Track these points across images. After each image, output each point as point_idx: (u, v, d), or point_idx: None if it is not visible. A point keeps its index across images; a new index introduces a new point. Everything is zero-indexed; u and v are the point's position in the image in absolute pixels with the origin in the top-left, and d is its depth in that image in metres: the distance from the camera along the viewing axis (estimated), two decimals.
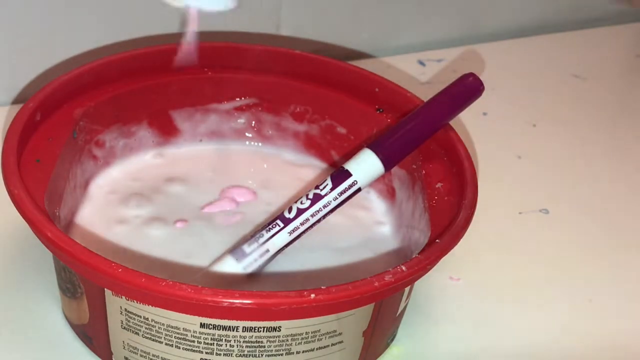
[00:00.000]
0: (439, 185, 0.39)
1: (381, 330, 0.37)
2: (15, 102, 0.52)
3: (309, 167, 0.46)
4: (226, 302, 0.30)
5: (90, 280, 0.33)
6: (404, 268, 0.32)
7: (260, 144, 0.47)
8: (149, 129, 0.44)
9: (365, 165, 0.38)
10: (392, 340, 0.39)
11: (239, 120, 0.46)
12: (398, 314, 0.37)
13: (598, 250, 0.46)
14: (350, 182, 0.37)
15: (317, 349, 0.34)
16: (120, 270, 0.30)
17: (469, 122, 0.54)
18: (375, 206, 0.44)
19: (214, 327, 0.32)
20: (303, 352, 0.34)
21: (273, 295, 0.30)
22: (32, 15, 0.50)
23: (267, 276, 0.38)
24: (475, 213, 0.36)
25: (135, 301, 0.32)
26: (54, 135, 0.39)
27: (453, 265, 0.43)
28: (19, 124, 0.37)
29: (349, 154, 0.45)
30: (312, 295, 0.30)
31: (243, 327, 0.32)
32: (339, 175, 0.37)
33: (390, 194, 0.44)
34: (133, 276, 0.30)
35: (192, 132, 0.46)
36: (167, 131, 0.45)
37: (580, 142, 0.55)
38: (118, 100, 0.42)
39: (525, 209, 0.48)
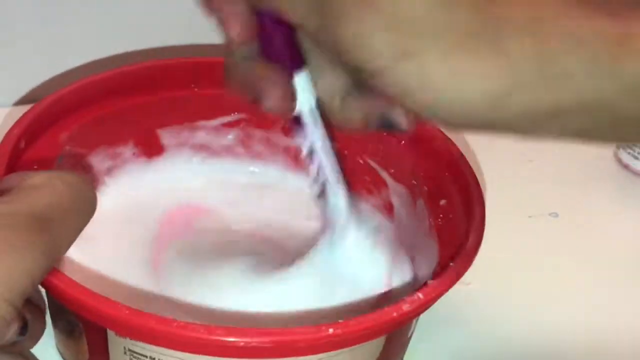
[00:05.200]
0: (442, 202, 0.38)
1: (392, 355, 0.36)
2: (18, 103, 0.51)
3: None
4: (242, 341, 0.29)
5: (93, 321, 0.31)
6: (420, 296, 0.31)
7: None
8: (135, 148, 0.43)
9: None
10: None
11: (228, 137, 0.45)
12: (409, 336, 0.36)
13: (607, 254, 0.46)
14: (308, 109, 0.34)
15: None
16: (127, 312, 0.29)
17: None
18: None
19: None
20: None
21: (290, 332, 0.29)
22: (39, 22, 0.49)
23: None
24: (485, 217, 0.36)
25: (141, 341, 0.31)
26: (39, 161, 0.37)
27: None
28: (3, 155, 0.35)
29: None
30: (330, 330, 0.29)
31: None
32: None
33: (387, 210, 0.43)
34: (141, 318, 0.29)
35: (179, 150, 0.44)
36: (154, 150, 0.43)
37: (590, 146, 0.54)
38: (103, 121, 0.40)
39: (535, 212, 0.48)
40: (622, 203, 0.50)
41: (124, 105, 0.41)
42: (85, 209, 0.28)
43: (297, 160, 0.45)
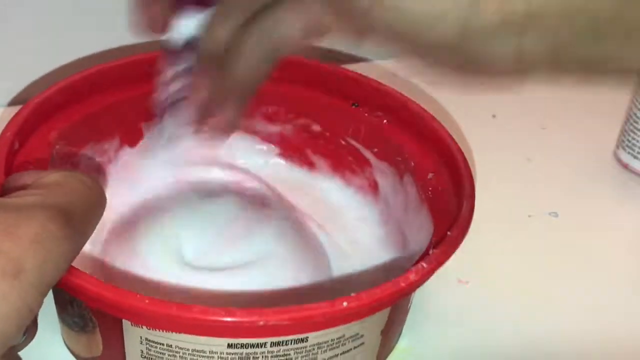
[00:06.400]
0: (430, 176, 0.40)
1: (396, 327, 0.37)
2: (12, 103, 0.51)
3: None
4: (261, 321, 0.29)
5: (110, 313, 0.31)
6: (424, 265, 0.33)
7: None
8: (120, 144, 0.43)
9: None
10: (400, 335, 0.39)
11: None
12: (409, 306, 0.38)
13: (607, 253, 0.46)
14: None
15: (340, 354, 0.34)
16: (146, 301, 0.29)
17: (478, 124, 0.53)
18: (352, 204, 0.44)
19: (242, 346, 0.32)
20: (328, 358, 0.34)
21: (305, 309, 0.30)
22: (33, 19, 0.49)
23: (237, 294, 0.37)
24: (485, 216, 0.36)
25: (158, 330, 0.31)
26: (32, 161, 0.37)
27: (462, 268, 0.43)
28: (0, 158, 0.35)
29: (326, 153, 0.45)
30: (345, 304, 0.30)
31: (271, 343, 0.32)
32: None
33: (372, 189, 0.44)
34: (160, 306, 0.29)
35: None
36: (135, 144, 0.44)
37: (589, 145, 0.54)
38: (91, 118, 0.40)
39: (535, 212, 0.48)
40: (621, 203, 0.50)
41: (109, 101, 0.41)
42: (100, 205, 0.29)
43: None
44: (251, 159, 0.46)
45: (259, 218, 0.40)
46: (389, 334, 0.36)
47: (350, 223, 0.44)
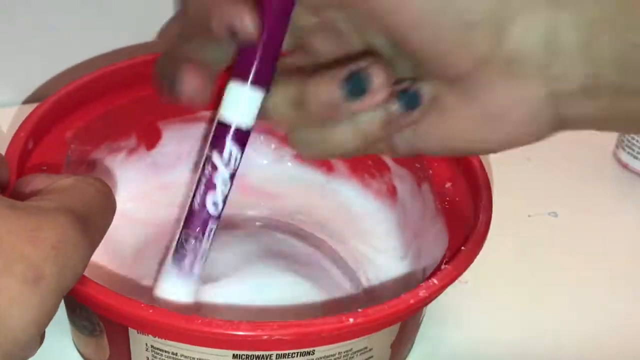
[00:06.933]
0: (448, 185, 0.39)
1: (406, 339, 0.36)
2: (27, 101, 0.51)
3: None
4: (265, 335, 0.29)
5: (115, 321, 0.31)
6: (435, 281, 0.32)
7: None
8: (137, 142, 0.43)
9: (242, 103, 0.31)
10: (413, 344, 0.39)
11: None
12: (421, 320, 0.37)
13: (607, 253, 0.46)
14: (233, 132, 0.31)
15: None
16: (151, 311, 0.29)
17: None
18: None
19: (247, 357, 0.31)
20: None
21: (311, 324, 0.30)
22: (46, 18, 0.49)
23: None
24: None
25: (164, 339, 0.31)
26: (47, 162, 0.37)
27: None
28: (12, 159, 0.35)
29: None
30: (351, 320, 0.30)
31: (277, 355, 0.31)
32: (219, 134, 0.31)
33: (391, 194, 0.43)
34: (165, 316, 0.29)
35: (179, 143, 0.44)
36: (154, 143, 0.43)
37: (589, 145, 0.54)
38: (107, 117, 0.40)
39: (534, 211, 0.48)
40: (621, 202, 0.50)
41: (125, 100, 0.41)
42: (110, 211, 0.29)
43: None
44: (268, 159, 0.45)
45: (274, 233, 0.40)
46: (400, 347, 0.36)
47: (367, 229, 0.43)
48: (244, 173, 0.44)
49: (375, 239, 0.43)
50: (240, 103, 0.30)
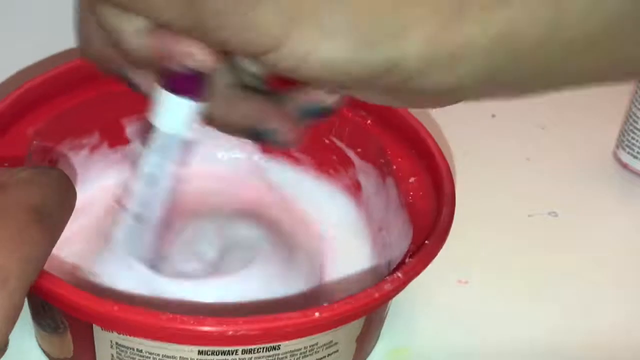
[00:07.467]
0: (412, 180, 0.39)
1: (372, 333, 0.36)
2: None
3: None
4: (230, 331, 0.29)
5: (79, 318, 0.31)
6: (400, 275, 0.32)
7: None
8: (100, 139, 0.42)
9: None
10: (377, 340, 0.39)
11: None
12: (386, 313, 0.37)
13: (607, 253, 0.46)
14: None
15: None
16: (115, 308, 0.29)
17: (478, 124, 0.53)
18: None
19: (213, 353, 0.31)
20: None
21: (276, 319, 0.30)
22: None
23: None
24: (485, 215, 0.35)
25: (129, 335, 0.31)
26: (8, 158, 0.36)
27: (461, 268, 0.42)
28: None
29: (309, 151, 0.45)
30: (317, 314, 0.30)
31: (242, 350, 0.31)
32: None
33: (355, 188, 0.43)
34: (129, 313, 0.29)
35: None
36: (119, 141, 0.43)
37: (589, 145, 0.54)
38: (70, 113, 0.40)
39: (534, 211, 0.48)
40: (621, 202, 0.50)
41: (88, 96, 0.41)
42: (70, 203, 0.28)
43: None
44: (234, 154, 0.45)
45: (240, 226, 0.40)
46: (365, 341, 0.36)
47: (332, 223, 0.43)
48: (211, 164, 0.44)
49: (340, 232, 0.43)
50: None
